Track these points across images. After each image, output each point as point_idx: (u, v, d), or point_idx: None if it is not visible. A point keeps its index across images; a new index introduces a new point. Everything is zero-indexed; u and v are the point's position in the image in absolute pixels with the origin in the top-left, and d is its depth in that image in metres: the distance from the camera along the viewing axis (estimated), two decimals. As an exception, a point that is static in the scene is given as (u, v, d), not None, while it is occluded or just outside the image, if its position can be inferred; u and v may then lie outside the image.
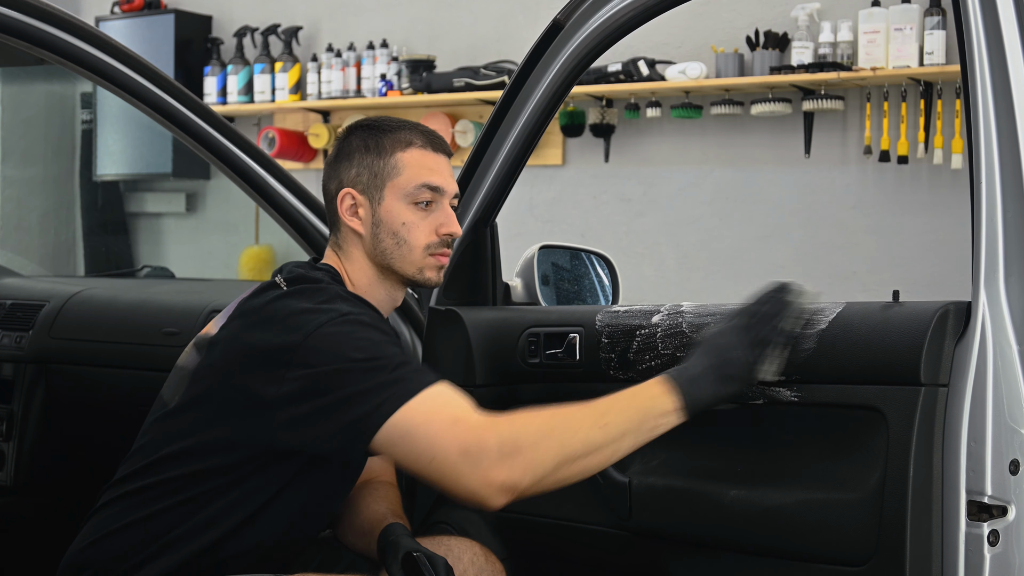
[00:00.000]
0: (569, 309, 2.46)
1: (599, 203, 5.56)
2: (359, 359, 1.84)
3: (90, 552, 2.00)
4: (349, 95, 6.02)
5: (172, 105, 2.38)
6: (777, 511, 1.91)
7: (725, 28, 5.23)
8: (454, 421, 1.81)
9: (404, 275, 2.07)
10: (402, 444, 1.82)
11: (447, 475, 1.80)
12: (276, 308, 1.94)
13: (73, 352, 3.35)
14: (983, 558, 1.69)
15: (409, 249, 2.05)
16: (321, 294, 1.95)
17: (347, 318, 1.89)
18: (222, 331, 1.99)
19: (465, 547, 2.17)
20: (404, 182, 2.05)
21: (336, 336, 1.87)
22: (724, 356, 1.84)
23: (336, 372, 1.84)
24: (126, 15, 6.56)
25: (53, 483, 3.40)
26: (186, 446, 1.95)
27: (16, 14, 2.12)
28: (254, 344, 1.91)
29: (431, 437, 1.80)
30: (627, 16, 2.27)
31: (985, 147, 1.74)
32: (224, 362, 1.95)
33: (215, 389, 1.95)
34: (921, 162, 4.84)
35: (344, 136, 2.11)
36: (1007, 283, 1.71)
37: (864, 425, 1.84)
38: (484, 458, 1.77)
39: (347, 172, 2.06)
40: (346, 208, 2.06)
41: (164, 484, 1.96)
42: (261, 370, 1.88)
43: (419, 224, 2.05)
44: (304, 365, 1.85)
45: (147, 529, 1.96)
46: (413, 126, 2.10)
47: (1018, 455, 1.67)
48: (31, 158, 6.61)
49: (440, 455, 1.79)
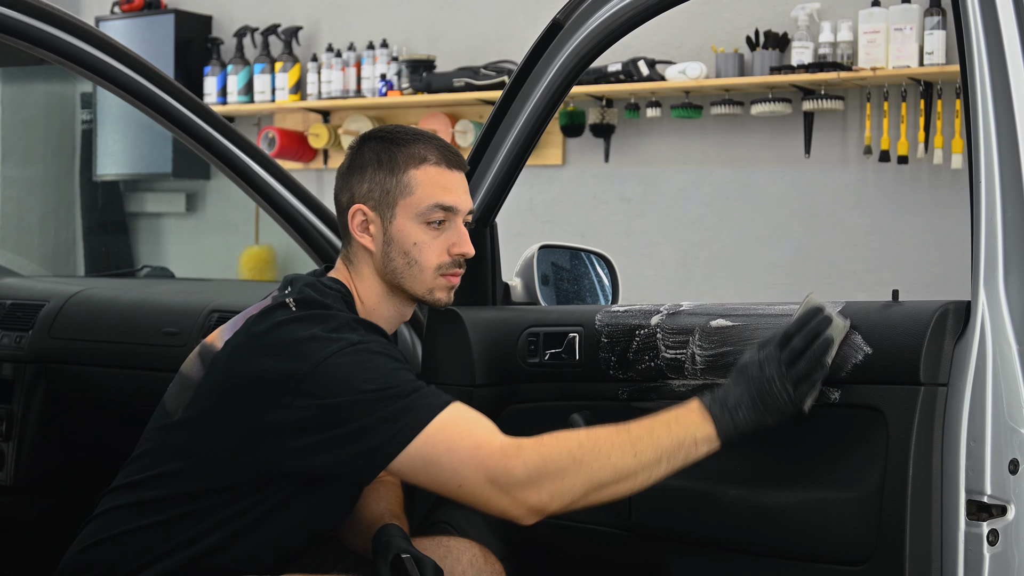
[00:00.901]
0: (569, 309, 2.46)
1: (599, 203, 5.56)
2: (370, 390, 1.83)
3: (88, 555, 2.00)
4: (349, 95, 6.02)
5: (172, 105, 2.38)
6: (776, 511, 1.92)
7: (725, 28, 5.23)
8: (476, 447, 1.81)
9: (414, 294, 2.05)
10: (425, 472, 1.83)
11: (476, 501, 1.83)
12: (284, 334, 1.91)
13: (73, 352, 3.35)
14: (982, 557, 1.69)
15: (420, 269, 2.01)
16: (331, 321, 1.92)
17: (357, 347, 1.87)
18: (227, 346, 1.96)
19: (464, 548, 2.17)
20: (416, 201, 2.00)
21: (346, 367, 1.85)
22: (765, 388, 1.81)
23: (348, 404, 1.83)
24: (126, 15, 6.56)
25: (53, 483, 3.40)
26: (188, 464, 1.94)
27: (16, 14, 2.12)
28: (261, 370, 1.89)
29: (455, 465, 1.81)
30: (627, 16, 2.27)
31: (984, 147, 1.74)
32: (230, 383, 1.92)
33: (219, 410, 1.93)
34: (921, 162, 4.84)
35: (358, 147, 2.06)
36: (1006, 283, 1.71)
37: (863, 424, 1.84)
38: (511, 484, 1.79)
39: (359, 187, 2.02)
40: (357, 224, 2.02)
41: (164, 500, 1.96)
42: (267, 397, 1.87)
43: (431, 244, 2.01)
44: (312, 395, 1.84)
45: (145, 537, 1.96)
46: (429, 139, 2.04)
47: (1017, 454, 1.67)
48: (31, 158, 6.61)
49: (467, 483, 1.81)
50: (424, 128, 2.15)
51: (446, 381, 2.36)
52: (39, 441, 3.38)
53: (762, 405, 1.81)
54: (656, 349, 2.09)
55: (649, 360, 2.10)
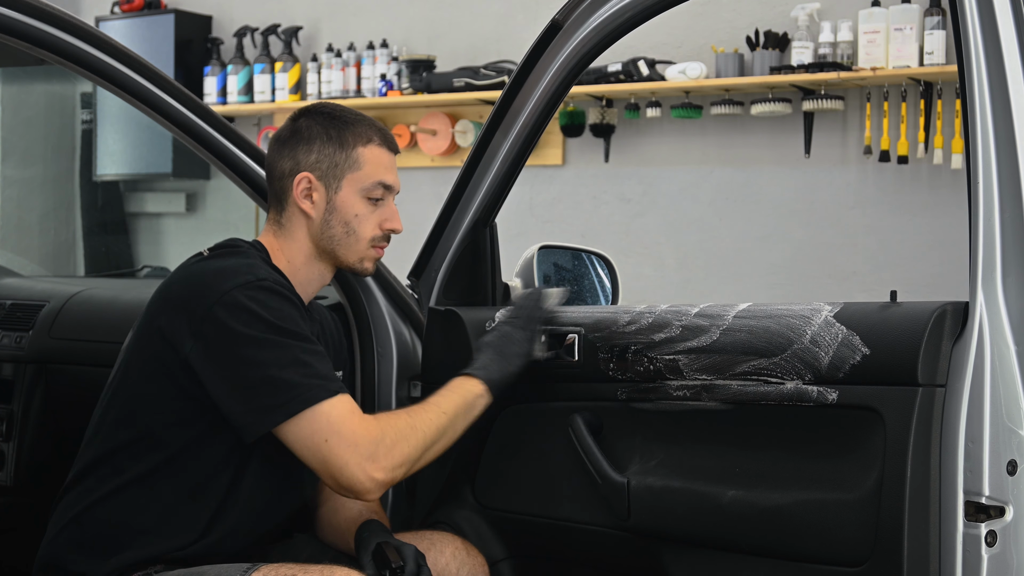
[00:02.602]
0: (568, 309, 2.46)
1: (599, 203, 5.56)
2: (268, 329, 1.96)
3: (56, 547, 2.06)
4: (349, 95, 6.02)
5: (172, 105, 2.38)
6: (775, 512, 1.92)
7: (725, 28, 5.23)
8: (351, 432, 1.97)
9: (344, 262, 2.18)
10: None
11: (333, 469, 1.97)
12: (194, 268, 2.07)
13: (73, 352, 3.35)
14: (980, 559, 1.69)
15: (356, 239, 2.16)
16: (242, 258, 2.07)
17: (262, 283, 2.00)
18: (150, 299, 2.10)
19: (447, 541, 2.21)
20: (363, 177, 2.15)
21: (250, 300, 1.97)
22: (503, 342, 2.20)
23: (245, 339, 1.95)
24: (126, 15, 6.56)
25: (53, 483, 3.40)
26: (121, 413, 2.06)
27: (16, 14, 2.12)
28: (169, 297, 2.03)
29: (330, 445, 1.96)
30: (626, 16, 2.27)
31: (983, 148, 1.74)
32: (145, 321, 2.06)
33: (138, 346, 2.06)
34: (921, 162, 4.84)
35: (300, 119, 2.18)
36: (1005, 283, 1.71)
37: (861, 426, 1.84)
38: (373, 454, 1.97)
39: (306, 156, 2.14)
40: (300, 190, 2.15)
41: (111, 458, 2.05)
42: (176, 317, 1.99)
43: (369, 217, 2.16)
44: (215, 323, 1.95)
45: (111, 511, 2.03)
46: (371, 122, 2.19)
47: (1016, 455, 1.67)
48: (31, 158, 6.61)
49: (332, 456, 1.96)
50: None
51: (446, 381, 2.36)
52: (39, 441, 3.37)
53: (506, 353, 2.19)
54: (654, 349, 2.09)
55: (648, 361, 2.10)
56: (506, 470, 2.35)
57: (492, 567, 2.27)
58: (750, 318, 1.99)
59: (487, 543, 2.31)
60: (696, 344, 2.04)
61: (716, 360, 2.01)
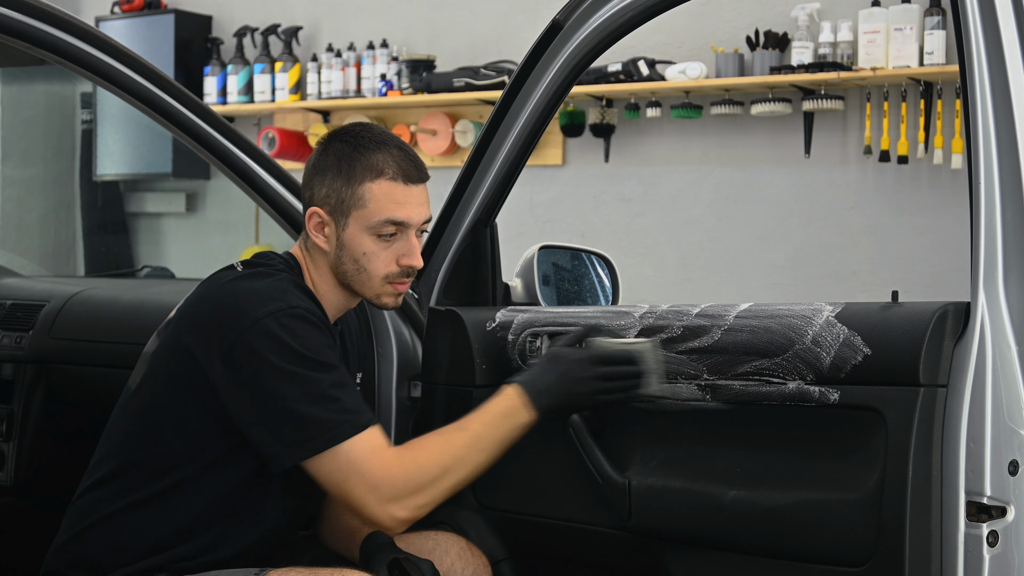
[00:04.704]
0: (569, 309, 2.46)
1: (599, 203, 5.56)
2: (299, 361, 1.92)
3: (73, 547, 2.03)
4: (349, 95, 6.02)
5: (172, 105, 2.38)
6: (776, 512, 1.91)
7: (725, 28, 5.23)
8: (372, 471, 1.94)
9: (362, 296, 2.12)
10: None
11: (354, 505, 1.97)
12: (227, 288, 2.02)
13: (73, 352, 3.35)
14: (982, 559, 1.69)
15: (368, 277, 2.08)
16: (273, 279, 2.02)
17: (294, 312, 1.96)
18: (176, 311, 2.08)
19: (452, 541, 2.21)
20: (368, 215, 2.05)
21: (281, 329, 1.93)
22: (573, 375, 2.02)
23: (275, 373, 1.91)
24: (126, 15, 6.56)
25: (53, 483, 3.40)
26: (144, 427, 2.02)
27: (16, 14, 2.12)
28: (201, 316, 2.00)
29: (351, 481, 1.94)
30: (627, 16, 2.27)
31: (984, 148, 1.74)
32: (175, 334, 2.03)
33: (166, 360, 2.03)
34: (921, 162, 4.84)
35: (325, 145, 2.11)
36: (1006, 284, 1.71)
37: (863, 426, 1.84)
38: (393, 495, 1.94)
39: (319, 189, 2.08)
40: (313, 225, 2.09)
41: (129, 471, 2.02)
42: (205, 340, 1.96)
43: (380, 255, 2.07)
44: (246, 350, 1.92)
45: (123, 525, 2.00)
46: (390, 149, 2.07)
47: (1017, 456, 1.67)
48: (31, 158, 6.61)
49: (353, 492, 1.94)
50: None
51: (446, 382, 2.36)
52: (39, 441, 3.37)
53: (570, 391, 2.01)
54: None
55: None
56: (507, 470, 2.35)
57: (493, 567, 2.27)
58: (751, 318, 1.99)
59: (488, 543, 2.30)
60: (697, 344, 2.04)
61: (718, 360, 2.01)
